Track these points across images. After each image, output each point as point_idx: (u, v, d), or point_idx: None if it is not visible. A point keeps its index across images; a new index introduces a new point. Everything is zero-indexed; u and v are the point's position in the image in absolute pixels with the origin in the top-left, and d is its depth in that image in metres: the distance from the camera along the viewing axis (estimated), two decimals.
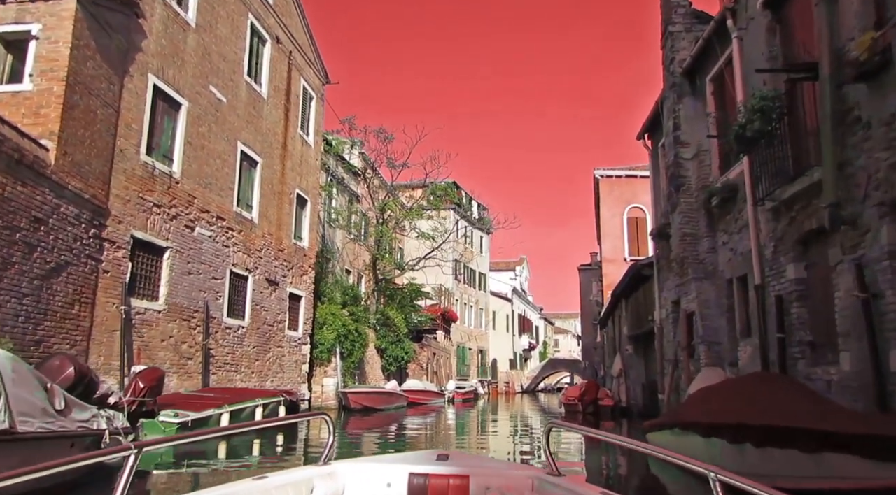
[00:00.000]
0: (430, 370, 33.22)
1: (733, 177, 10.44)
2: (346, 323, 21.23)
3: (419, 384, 26.35)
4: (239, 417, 10.98)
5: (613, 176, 33.49)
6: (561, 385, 76.95)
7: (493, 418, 24.43)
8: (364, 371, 23.75)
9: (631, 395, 19.89)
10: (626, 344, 19.80)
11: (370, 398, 18.97)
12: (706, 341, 11.15)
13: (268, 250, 16.44)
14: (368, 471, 2.72)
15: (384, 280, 28.06)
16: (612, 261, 32.59)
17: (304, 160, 18.98)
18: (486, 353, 51.54)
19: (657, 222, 15.24)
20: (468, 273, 49.11)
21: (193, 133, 13.02)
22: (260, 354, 15.82)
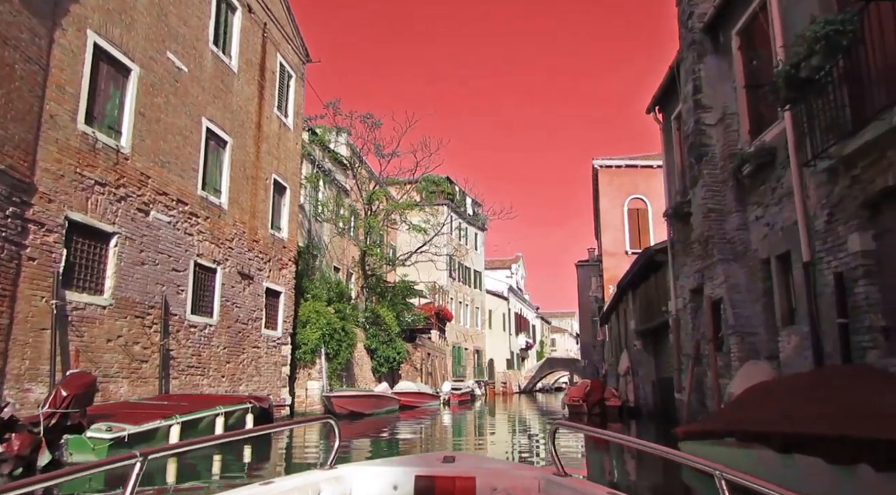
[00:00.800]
0: (424, 371, 31.59)
1: (770, 139, 8.88)
2: (332, 321, 19.59)
3: (412, 386, 24.73)
4: (196, 429, 9.33)
5: (613, 166, 31.98)
6: (559, 385, 75.61)
7: (490, 421, 22.87)
8: (352, 373, 22.11)
9: (640, 395, 18.32)
10: (634, 339, 18.25)
11: (357, 402, 17.34)
12: (738, 332, 9.59)
13: (240, 240, 14.79)
14: (374, 474, 2.69)
15: (374, 276, 26.41)
16: (613, 254, 31.06)
17: (283, 144, 17.34)
18: (482, 353, 49.94)
19: (671, 202, 13.68)
20: (463, 270, 47.51)
21: (147, 104, 11.37)
22: (232, 356, 14.16)
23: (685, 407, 11.99)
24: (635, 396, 18.82)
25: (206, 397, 10.90)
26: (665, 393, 16.59)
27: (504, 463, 3.40)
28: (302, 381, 19.02)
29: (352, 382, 21.83)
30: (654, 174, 31.82)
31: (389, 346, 24.97)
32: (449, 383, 30.59)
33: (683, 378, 12.77)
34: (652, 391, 17.37)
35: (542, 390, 61.98)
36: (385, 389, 21.55)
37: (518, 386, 55.42)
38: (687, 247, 12.23)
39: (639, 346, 17.94)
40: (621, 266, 31.08)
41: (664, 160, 14.03)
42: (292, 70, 18.03)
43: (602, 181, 31.79)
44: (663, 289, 14.43)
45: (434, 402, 27.12)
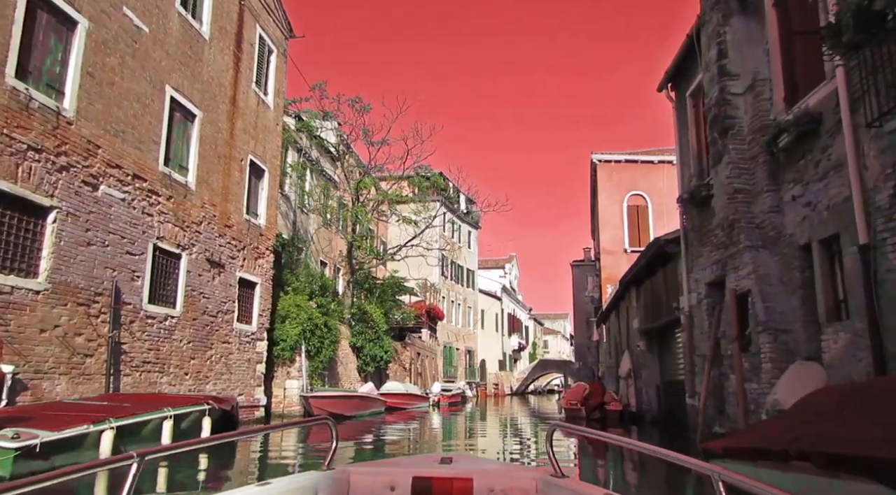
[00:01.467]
0: (413, 371, 30.20)
1: (815, 103, 7.57)
2: (314, 316, 18.19)
3: (400, 387, 23.34)
4: (137, 435, 7.92)
5: (612, 161, 30.73)
6: (552, 387, 74.39)
7: (482, 424, 21.52)
8: (336, 371, 20.70)
9: (642, 399, 17.01)
10: (637, 339, 16.93)
11: (338, 403, 15.93)
12: (770, 329, 8.27)
13: (210, 224, 13.38)
14: (372, 475, 2.67)
15: (361, 270, 25.01)
16: (611, 252, 29.80)
17: (261, 123, 15.94)
18: (474, 354, 48.59)
19: (684, 186, 12.37)
20: (455, 269, 46.16)
21: (98, 63, 9.95)
22: (198, 351, 12.74)
23: (699, 414, 10.67)
24: (637, 400, 17.50)
25: (156, 397, 9.47)
26: (671, 398, 15.28)
27: (501, 464, 3.25)
28: (280, 380, 17.60)
29: (335, 382, 20.42)
30: (655, 169, 30.62)
31: (376, 345, 23.59)
32: (439, 384, 29.21)
33: (697, 381, 11.47)
34: (656, 395, 16.06)
35: (535, 392, 60.70)
36: (370, 390, 20.15)
37: (510, 387, 54.11)
38: (704, 236, 10.92)
39: (642, 347, 16.63)
40: (620, 264, 29.83)
41: (677, 141, 12.72)
42: (273, 44, 16.63)
43: (601, 176, 30.53)
44: (673, 284, 13.11)
45: (423, 404, 25.74)
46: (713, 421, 10.46)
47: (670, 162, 30.80)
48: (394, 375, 27.34)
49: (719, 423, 10.31)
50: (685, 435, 12.55)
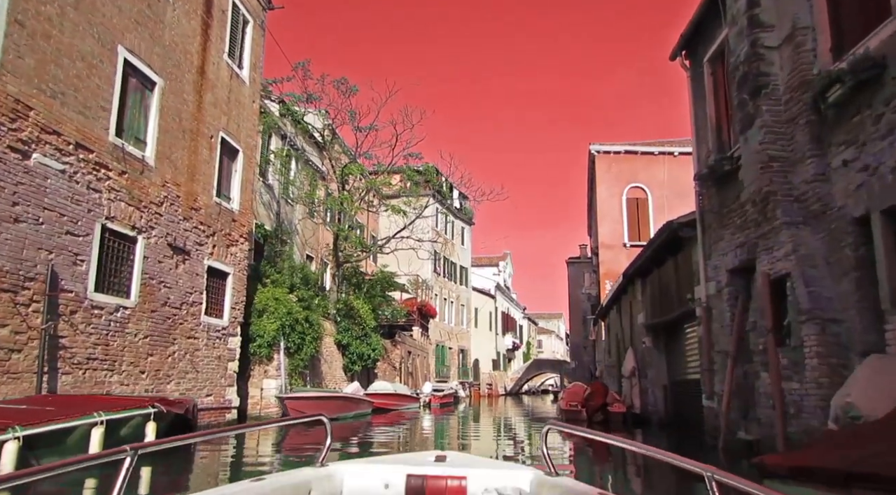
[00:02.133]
0: (403, 371, 28.84)
1: (877, 47, 6.26)
2: (294, 310, 16.79)
3: (388, 387, 21.96)
4: (61, 446, 6.52)
5: (611, 152, 29.46)
6: (546, 387, 73.07)
7: (474, 426, 20.19)
8: (319, 370, 19.31)
9: (648, 400, 15.70)
10: (643, 336, 15.62)
11: (316, 404, 14.54)
12: (816, 318, 6.95)
13: (173, 206, 11.97)
14: (366, 472, 2.66)
15: (348, 263, 23.62)
16: (610, 246, 28.53)
17: (235, 98, 14.53)
18: (467, 353, 47.25)
19: (700, 163, 11.06)
20: (448, 266, 44.82)
21: (29, 11, 8.54)
22: (157, 347, 11.33)
23: (721, 418, 9.36)
24: (642, 401, 16.20)
25: (91, 400, 8.06)
26: (681, 399, 13.97)
27: (495, 463, 3.24)
28: (257, 380, 16.21)
29: (318, 381, 19.03)
30: (655, 161, 29.37)
31: (364, 342, 22.21)
32: (430, 384, 27.83)
33: (717, 380, 10.16)
34: (663, 396, 14.75)
35: (529, 392, 59.42)
36: (356, 390, 18.77)
37: (504, 387, 52.81)
38: (726, 216, 9.62)
39: (648, 344, 15.32)
40: (619, 259, 28.55)
41: (692, 115, 11.39)
42: (249, 14, 15.22)
43: (599, 168, 29.26)
44: (686, 274, 11.80)
45: (413, 405, 24.37)
46: (737, 426, 9.16)
47: (671, 153, 29.62)
48: (382, 375, 25.97)
49: (745, 428, 9.00)
50: (699, 439, 11.25)
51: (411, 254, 26.67)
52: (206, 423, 12.80)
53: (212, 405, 13.07)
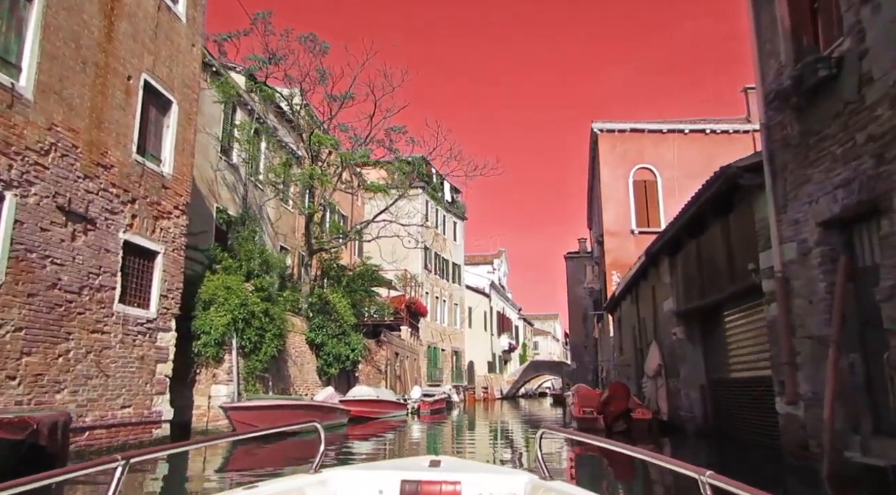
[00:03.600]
0: (390, 374, 25.82)
1: None
2: (250, 302, 13.80)
3: (369, 392, 18.96)
4: None
5: (616, 130, 26.63)
6: (543, 390, 70.00)
7: (469, 435, 17.26)
8: (285, 374, 16.30)
9: (679, 404, 12.78)
10: (672, 325, 12.72)
11: (270, 415, 11.54)
12: None
13: (66, 158, 8.97)
14: (360, 479, 2.63)
15: (323, 250, 20.61)
16: (616, 234, 25.66)
17: (166, 36, 11.57)
18: (461, 355, 44.25)
19: (767, 83, 8.15)
20: (440, 262, 41.86)
21: None
22: (39, 344, 8.33)
23: (825, 431, 6.42)
24: (671, 406, 13.29)
25: None
26: (726, 402, 11.06)
27: (490, 468, 3.17)
28: (204, 386, 13.20)
29: (284, 387, 16.03)
30: (663, 140, 26.56)
31: (341, 342, 19.21)
32: (419, 388, 24.79)
33: (802, 377, 7.25)
34: (701, 398, 11.84)
35: (526, 395, 56.45)
36: (329, 396, 15.78)
37: (500, 391, 49.81)
38: (816, 147, 6.72)
39: (680, 335, 12.41)
40: (626, 248, 25.68)
41: (753, 22, 8.48)
42: None
43: (603, 148, 26.43)
44: (745, 237, 8.89)
45: (400, 412, 21.39)
46: (847, 443, 6.26)
47: (681, 131, 26.81)
48: (365, 379, 22.95)
49: (862, 448, 6.10)
50: (770, 455, 8.36)
51: (399, 248, 23.68)
52: (120, 444, 9.78)
53: (129, 419, 10.05)
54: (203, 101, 18.77)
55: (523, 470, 2.87)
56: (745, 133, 26.10)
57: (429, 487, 2.51)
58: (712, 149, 26.12)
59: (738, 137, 26.03)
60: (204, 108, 18.76)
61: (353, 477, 2.62)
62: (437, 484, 2.51)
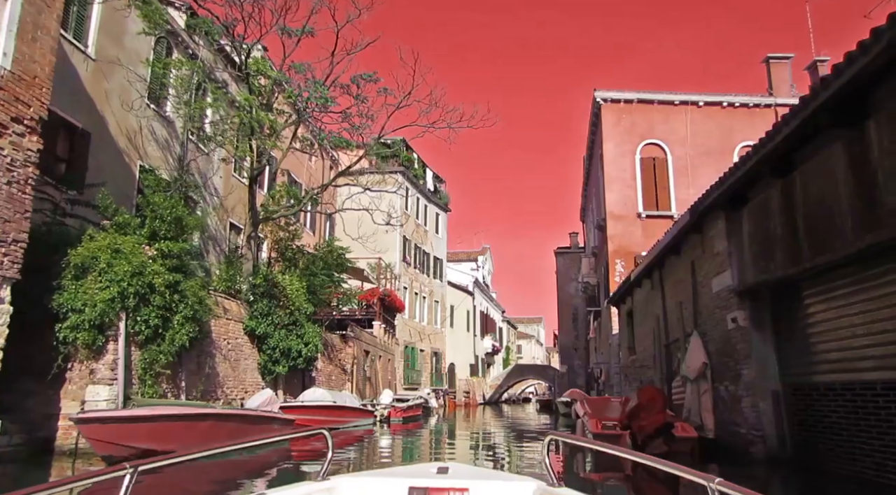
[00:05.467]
0: (358, 375, 21.96)
1: None
2: (150, 271, 9.93)
3: (325, 396, 15.09)
4: None
5: (622, 100, 23.11)
6: (526, 395, 66.27)
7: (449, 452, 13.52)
8: (212, 371, 12.41)
9: (736, 417, 9.13)
10: (730, 308, 9.07)
11: (146, 431, 7.67)
12: None
13: None
14: (367, 486, 2.58)
15: (269, 219, 16.73)
16: (621, 217, 22.13)
17: None
18: (441, 356, 40.43)
19: None
20: (420, 255, 38.09)
21: None
22: None
23: None
24: (719, 419, 9.65)
25: None
26: (813, 417, 7.44)
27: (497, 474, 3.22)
28: (77, 386, 9.30)
29: (208, 388, 12.14)
30: (675, 112, 23.10)
31: (292, 333, 15.35)
32: (389, 392, 20.89)
33: None
34: (774, 411, 8.23)
35: (509, 401, 52.78)
36: (266, 401, 11.91)
37: (483, 395, 46.04)
38: None
39: (741, 322, 8.78)
40: (632, 233, 22.18)
41: None
42: None
43: (606, 120, 22.92)
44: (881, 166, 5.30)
45: (365, 421, 17.55)
46: None
47: (695, 103, 23.32)
48: (326, 380, 19.09)
49: None
50: None
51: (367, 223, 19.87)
52: None
53: None
54: (123, 32, 14.95)
55: (531, 478, 2.61)
56: (766, 107, 22.80)
57: (437, 494, 2.46)
58: (730, 125, 22.79)
59: (759, 112, 22.70)
60: (124, 40, 14.95)
61: (360, 484, 2.56)
62: (445, 491, 2.48)
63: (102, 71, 13.99)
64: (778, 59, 23.03)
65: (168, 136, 16.93)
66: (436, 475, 2.57)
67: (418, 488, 2.47)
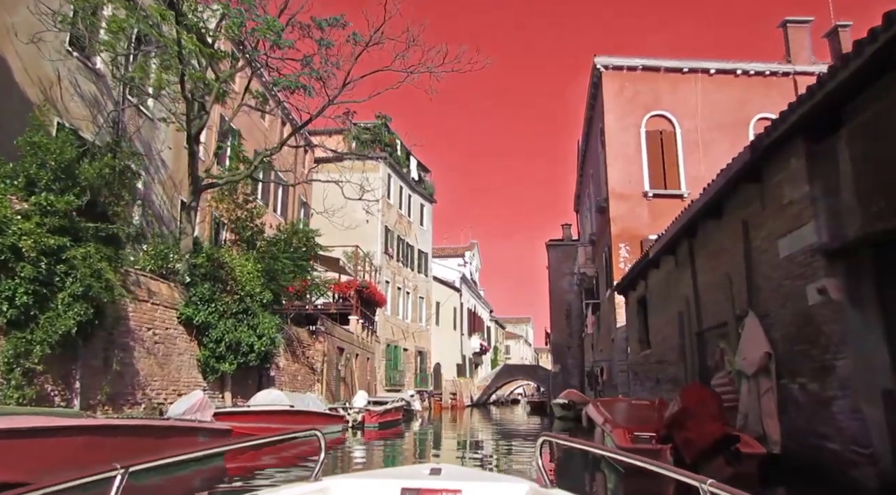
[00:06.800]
0: (329, 375, 19.24)
1: None
2: (15, 230, 7.19)
3: (280, 399, 12.37)
4: None
5: (625, 67, 20.61)
6: (515, 396, 63.65)
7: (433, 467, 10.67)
8: (127, 370, 9.63)
9: (828, 426, 6.56)
10: (811, 276, 6.52)
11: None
12: None
13: None
14: (360, 487, 2.55)
15: (213, 185, 13.96)
16: (625, 197, 19.62)
17: None
18: (426, 356, 37.76)
19: None
20: (404, 248, 35.42)
21: None
22: None
23: None
24: (792, 428, 7.10)
25: None
26: None
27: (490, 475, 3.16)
28: None
29: (122, 390, 9.38)
30: (684, 81, 20.64)
31: (242, 324, 12.61)
32: (364, 395, 18.11)
33: None
34: (887, 419, 5.69)
35: (497, 402, 50.19)
36: (195, 406, 9.20)
37: (471, 397, 43.40)
38: None
39: (831, 294, 6.23)
40: (638, 215, 19.65)
41: None
42: None
43: (608, 89, 20.41)
44: None
45: (334, 427, 14.87)
46: None
47: (706, 71, 20.81)
48: (291, 381, 16.36)
49: None
50: None
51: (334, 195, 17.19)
52: None
53: None
54: None
55: (524, 479, 2.62)
56: (784, 75, 20.44)
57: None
58: (744, 95, 20.37)
59: (776, 81, 20.33)
60: None
61: (353, 486, 2.54)
62: (438, 492, 2.46)
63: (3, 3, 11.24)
64: (796, 23, 20.69)
65: (99, 94, 14.16)
66: (428, 476, 2.55)
67: (411, 489, 2.44)
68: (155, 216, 15.67)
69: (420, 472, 2.61)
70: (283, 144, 13.68)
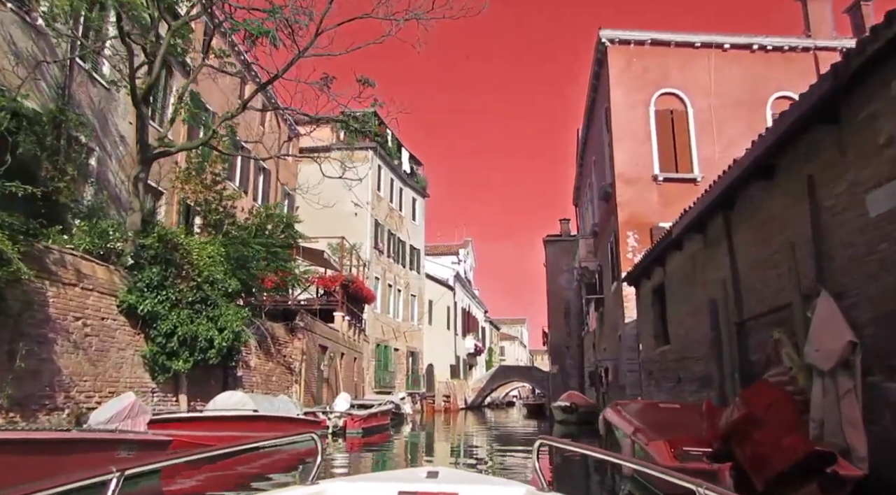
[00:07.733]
0: (309, 376, 17.40)
1: None
2: None
3: (245, 402, 10.55)
4: None
5: (632, 42, 18.87)
6: (510, 398, 61.86)
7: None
8: (45, 367, 7.83)
9: None
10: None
11: None
12: None
13: None
14: (357, 490, 2.52)
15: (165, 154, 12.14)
16: (633, 181, 17.85)
17: None
18: (418, 356, 35.94)
19: None
20: (395, 243, 33.63)
21: None
22: None
23: None
24: (873, 440, 5.35)
25: None
26: None
27: (487, 478, 3.09)
28: None
29: (31, 395, 7.56)
30: (696, 57, 18.90)
31: (201, 316, 10.80)
32: (346, 397, 16.23)
33: None
34: None
35: (491, 405, 48.43)
36: (123, 412, 7.40)
37: (465, 399, 41.60)
38: None
39: None
40: (647, 200, 17.84)
41: None
42: None
43: (614, 64, 18.68)
44: None
45: (307, 435, 13.01)
46: None
47: (720, 46, 19.07)
48: (264, 381, 14.53)
49: None
50: None
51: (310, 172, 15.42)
52: None
53: None
54: None
55: (521, 482, 2.59)
56: (804, 51, 18.81)
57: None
58: (761, 71, 18.69)
59: (795, 56, 18.67)
60: None
61: (349, 489, 2.51)
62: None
63: None
64: None
65: (41, 54, 12.33)
66: (425, 479, 2.50)
67: (407, 492, 2.42)
68: (111, 197, 13.85)
69: (417, 475, 2.56)
70: (244, 105, 11.85)
